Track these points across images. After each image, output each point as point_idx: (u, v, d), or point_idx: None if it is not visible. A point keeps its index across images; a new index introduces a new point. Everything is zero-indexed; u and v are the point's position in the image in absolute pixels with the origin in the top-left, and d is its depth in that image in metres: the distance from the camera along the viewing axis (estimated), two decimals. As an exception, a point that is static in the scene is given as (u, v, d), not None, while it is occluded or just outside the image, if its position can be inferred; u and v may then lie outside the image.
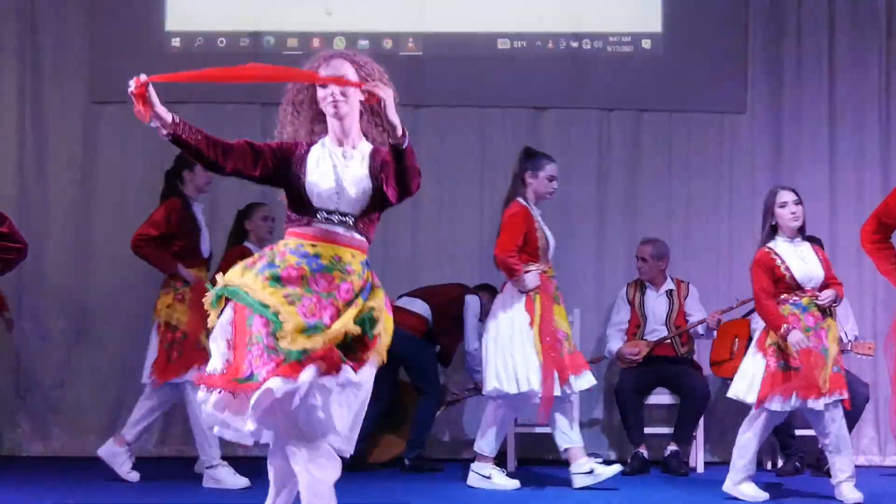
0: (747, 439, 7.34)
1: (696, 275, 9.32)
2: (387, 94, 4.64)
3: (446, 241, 9.42)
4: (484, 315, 8.91)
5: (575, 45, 9.53)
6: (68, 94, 9.50)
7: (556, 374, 7.56)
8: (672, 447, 8.64)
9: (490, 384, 7.74)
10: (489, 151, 9.52)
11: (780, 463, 8.72)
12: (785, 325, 7.17)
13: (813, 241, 7.67)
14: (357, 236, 4.81)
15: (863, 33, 9.64)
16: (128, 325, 9.17)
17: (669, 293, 9.02)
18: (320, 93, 4.84)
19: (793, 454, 8.57)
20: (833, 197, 9.46)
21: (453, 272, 9.20)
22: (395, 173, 4.71)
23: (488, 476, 7.83)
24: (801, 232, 7.41)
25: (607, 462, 7.98)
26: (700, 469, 8.76)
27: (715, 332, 8.93)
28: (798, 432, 8.58)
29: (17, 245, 6.83)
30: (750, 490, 7.35)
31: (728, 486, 7.38)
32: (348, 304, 4.69)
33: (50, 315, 9.34)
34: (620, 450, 9.15)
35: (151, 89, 4.65)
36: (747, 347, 8.78)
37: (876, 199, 7.06)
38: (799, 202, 7.36)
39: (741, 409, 9.06)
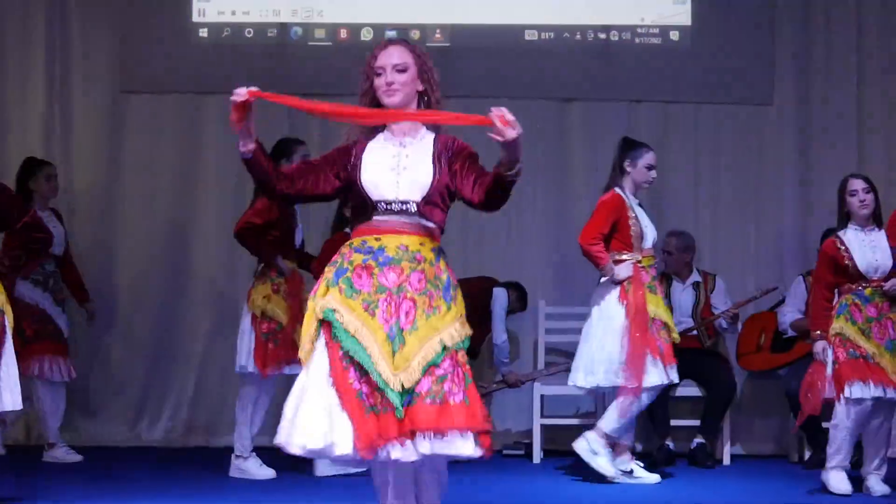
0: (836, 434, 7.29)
1: (723, 267, 9.29)
2: (514, 132, 4.45)
3: (473, 234, 9.42)
4: (511, 311, 8.93)
5: (603, 36, 9.52)
6: (96, 84, 9.53)
7: (656, 363, 7.44)
8: (698, 440, 8.62)
9: (579, 378, 7.68)
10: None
11: (806, 455, 8.69)
12: (818, 332, 7.19)
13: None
14: (423, 222, 4.66)
15: (891, 27, 9.59)
16: (155, 316, 9.22)
17: (696, 286, 8.99)
18: (377, 81, 4.72)
19: (820, 446, 8.53)
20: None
21: (480, 266, 9.20)
22: (488, 190, 4.58)
23: (596, 452, 7.60)
24: (874, 220, 7.30)
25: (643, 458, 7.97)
26: (727, 461, 8.74)
27: (740, 326, 8.90)
28: (825, 424, 8.54)
29: (43, 235, 6.89)
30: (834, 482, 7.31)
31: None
32: (422, 293, 4.57)
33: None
34: (647, 442, 9.13)
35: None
36: (773, 340, 8.82)
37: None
38: (869, 190, 7.27)
39: (769, 402, 9.11)
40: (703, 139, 9.60)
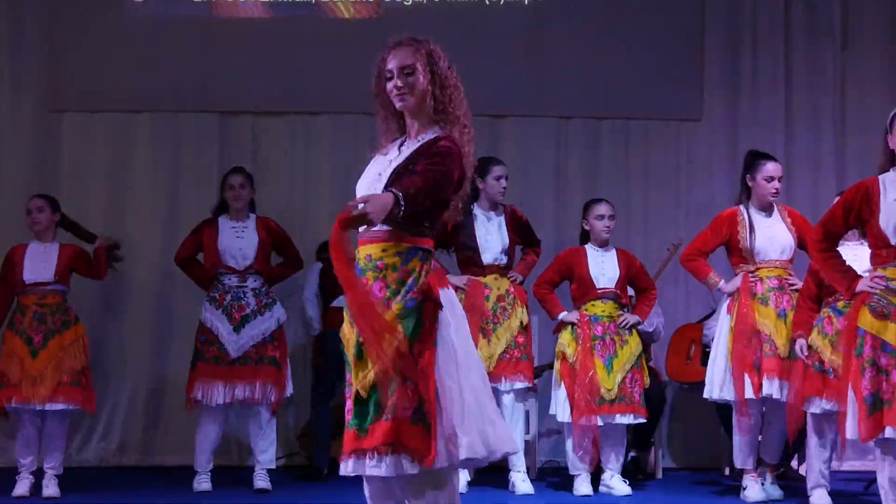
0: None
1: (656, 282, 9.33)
2: (357, 210, 4.27)
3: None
4: None
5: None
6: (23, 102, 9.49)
7: (750, 377, 7.41)
8: (631, 453, 8.66)
9: (706, 390, 7.72)
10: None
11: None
12: (798, 332, 7.35)
13: None
14: (386, 227, 4.49)
15: (818, 41, 9.73)
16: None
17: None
18: (388, 85, 4.66)
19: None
20: (789, 202, 9.50)
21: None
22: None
23: (744, 487, 7.63)
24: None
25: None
26: (659, 475, 8.79)
27: (659, 333, 8.92)
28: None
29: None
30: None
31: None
32: (383, 301, 4.45)
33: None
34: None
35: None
36: (703, 352, 8.87)
37: (829, 206, 7.12)
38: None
39: (700, 414, 9.16)
40: (633, 154, 9.67)
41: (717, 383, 7.59)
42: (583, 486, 7.81)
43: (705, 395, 7.74)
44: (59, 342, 7.82)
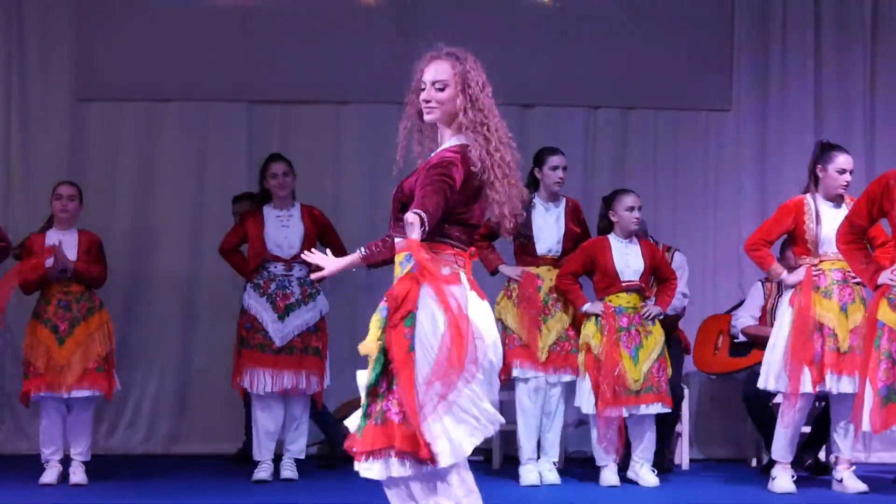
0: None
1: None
2: (325, 271, 4.65)
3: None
4: None
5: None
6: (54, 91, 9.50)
7: (809, 371, 7.37)
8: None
9: (760, 380, 7.69)
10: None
11: (765, 460, 8.71)
12: None
13: None
14: (398, 239, 4.69)
15: (848, 32, 9.66)
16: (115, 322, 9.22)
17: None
18: (421, 95, 4.73)
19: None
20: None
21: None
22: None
23: (773, 478, 7.65)
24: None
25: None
26: (685, 466, 8.76)
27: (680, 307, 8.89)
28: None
29: (2, 244, 6.88)
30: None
31: None
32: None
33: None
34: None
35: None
36: (731, 343, 8.84)
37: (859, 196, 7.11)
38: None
39: (726, 406, 9.14)
40: (661, 144, 9.64)
41: (774, 374, 7.54)
42: (609, 477, 7.80)
43: (759, 385, 7.70)
44: (85, 329, 7.85)
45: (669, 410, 7.90)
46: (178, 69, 9.42)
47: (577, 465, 8.67)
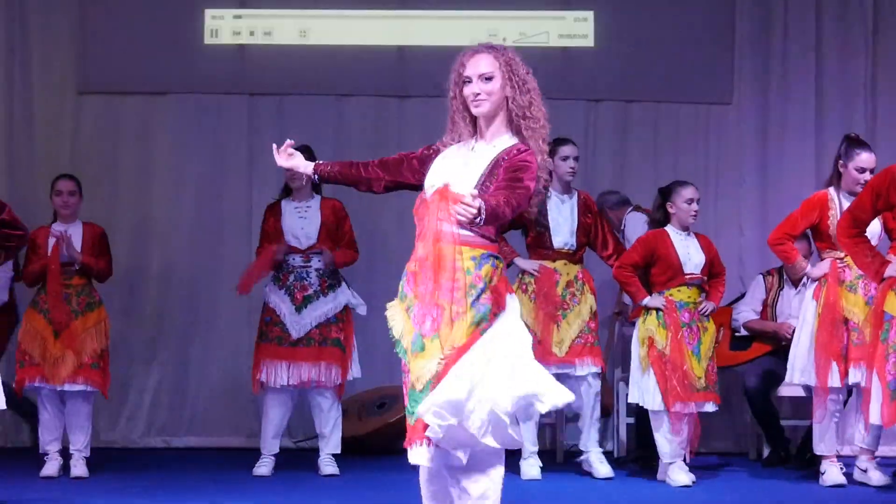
0: None
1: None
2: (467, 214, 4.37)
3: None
4: None
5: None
6: (56, 84, 9.49)
7: (836, 365, 7.33)
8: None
9: (787, 374, 7.67)
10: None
11: (765, 453, 8.72)
12: None
13: None
14: (464, 232, 4.58)
15: (849, 25, 9.66)
16: (114, 314, 9.20)
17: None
18: (465, 90, 4.72)
19: (779, 444, 8.56)
20: (819, 188, 9.45)
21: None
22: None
23: (864, 470, 7.56)
24: None
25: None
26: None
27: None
28: (784, 423, 8.60)
29: (18, 232, 6.85)
30: None
31: None
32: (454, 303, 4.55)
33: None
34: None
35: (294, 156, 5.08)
36: (732, 337, 8.83)
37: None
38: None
39: (727, 399, 9.12)
40: (662, 137, 9.64)
41: (799, 368, 7.51)
42: (680, 476, 7.60)
43: (787, 380, 7.69)
44: (83, 323, 7.83)
45: (717, 409, 7.82)
46: (176, 62, 9.41)
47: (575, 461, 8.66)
